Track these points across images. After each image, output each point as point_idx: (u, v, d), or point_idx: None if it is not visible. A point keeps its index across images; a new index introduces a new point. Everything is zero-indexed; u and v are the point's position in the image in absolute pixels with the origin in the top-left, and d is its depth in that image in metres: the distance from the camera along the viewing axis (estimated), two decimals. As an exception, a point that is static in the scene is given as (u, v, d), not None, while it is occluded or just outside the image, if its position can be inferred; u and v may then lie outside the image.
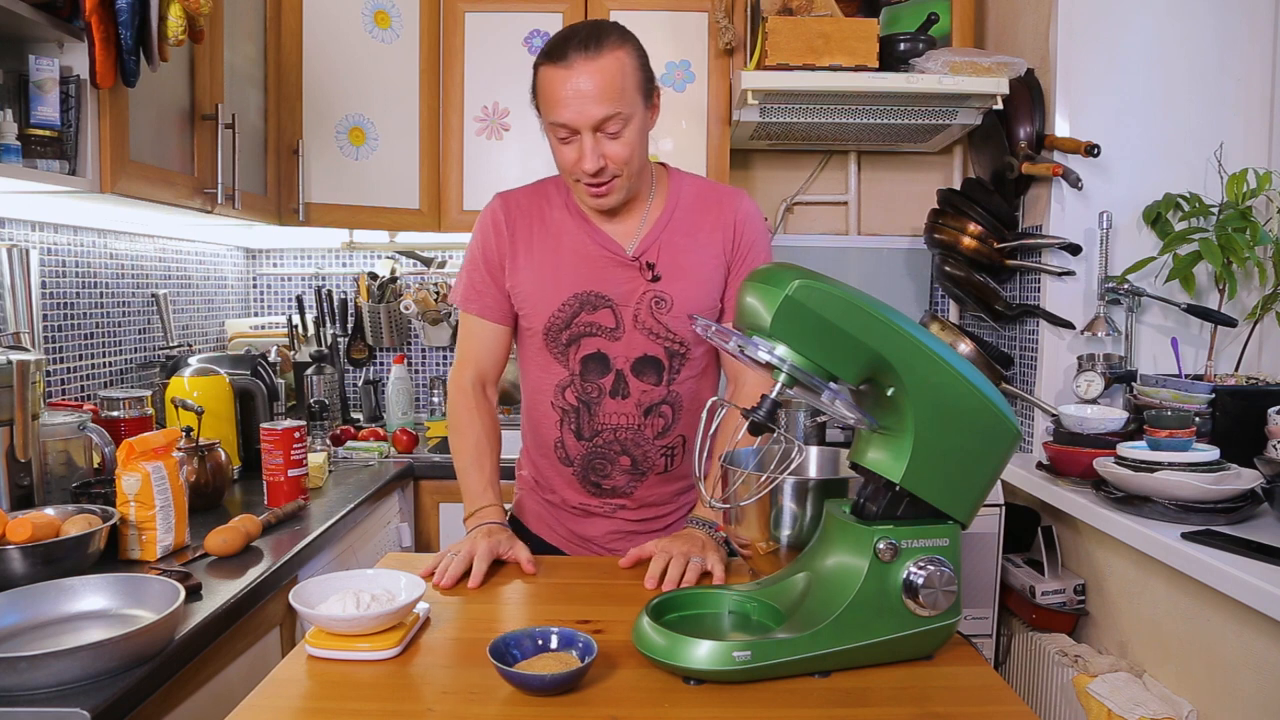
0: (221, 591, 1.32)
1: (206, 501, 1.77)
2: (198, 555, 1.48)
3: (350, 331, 2.96)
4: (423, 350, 3.03)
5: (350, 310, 2.97)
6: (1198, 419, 1.84)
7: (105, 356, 2.18)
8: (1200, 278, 2.15)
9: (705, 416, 1.14)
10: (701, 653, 0.96)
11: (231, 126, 1.99)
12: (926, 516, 1.04)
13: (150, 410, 1.92)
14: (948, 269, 2.50)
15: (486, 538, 1.35)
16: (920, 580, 1.00)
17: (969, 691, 0.98)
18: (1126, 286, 2.16)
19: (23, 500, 1.47)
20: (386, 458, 2.43)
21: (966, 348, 2.44)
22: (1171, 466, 1.70)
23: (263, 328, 2.94)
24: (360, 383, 2.96)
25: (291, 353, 2.78)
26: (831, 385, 0.97)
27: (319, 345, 2.82)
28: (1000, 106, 2.33)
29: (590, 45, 1.32)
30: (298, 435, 1.83)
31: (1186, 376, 2.08)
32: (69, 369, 2.04)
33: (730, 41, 2.52)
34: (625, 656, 1.03)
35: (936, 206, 2.57)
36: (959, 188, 2.66)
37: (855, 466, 1.07)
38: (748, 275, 1.03)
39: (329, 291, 2.95)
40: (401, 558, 1.45)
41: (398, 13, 2.53)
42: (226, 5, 2.03)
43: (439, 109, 2.62)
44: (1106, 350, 2.21)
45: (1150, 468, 1.71)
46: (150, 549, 1.43)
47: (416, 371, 3.02)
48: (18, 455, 1.46)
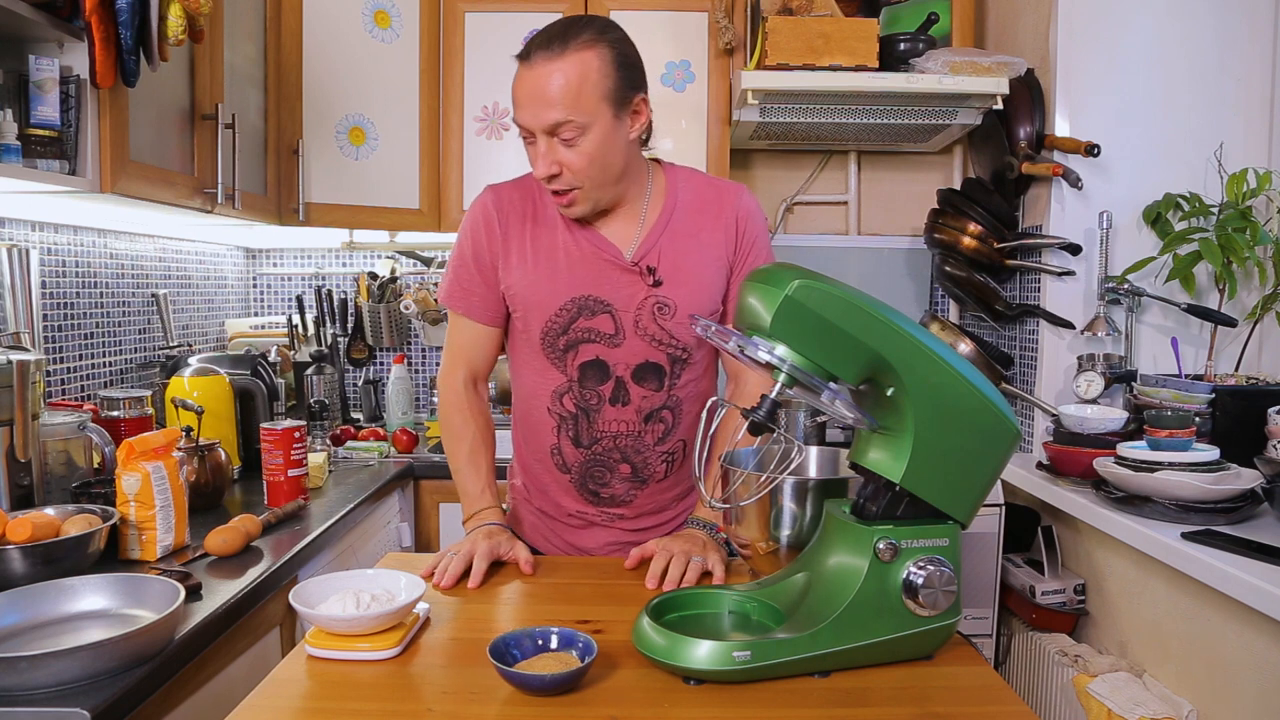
0: (221, 591, 1.32)
1: (206, 501, 1.77)
2: (198, 555, 1.48)
3: (350, 331, 2.96)
4: (423, 350, 3.03)
5: (350, 310, 2.97)
6: (1198, 419, 1.84)
7: (105, 356, 2.18)
8: (1200, 278, 2.15)
9: (705, 416, 1.14)
10: (701, 653, 0.96)
11: (231, 126, 1.99)
12: (926, 516, 1.04)
13: (150, 410, 1.92)
14: (948, 269, 2.50)
15: (486, 538, 1.35)
16: (920, 580, 1.00)
17: (969, 691, 0.98)
18: (1126, 286, 2.16)
19: (23, 500, 1.47)
20: (386, 458, 2.43)
21: (966, 348, 2.44)
22: (1171, 466, 1.70)
23: (263, 328, 2.94)
24: (360, 383, 2.96)
25: (291, 353, 2.78)
26: (831, 385, 0.97)
27: (319, 345, 2.82)
28: (1000, 106, 2.33)
29: (555, 44, 1.26)
30: (298, 435, 1.83)
31: (1186, 376, 2.08)
32: (69, 369, 2.04)
33: (730, 41, 2.52)
34: (625, 656, 1.03)
35: (936, 206, 2.57)
36: (959, 188, 2.65)
37: (855, 466, 1.07)
38: (748, 275, 1.02)
39: (329, 291, 2.95)
40: (401, 558, 1.45)
41: (398, 13, 2.53)
42: (226, 5, 2.03)
43: (439, 109, 2.62)
44: (1106, 350, 2.21)
45: (1150, 468, 1.71)
46: (150, 549, 1.43)
47: (416, 371, 3.02)
48: (18, 455, 1.46)
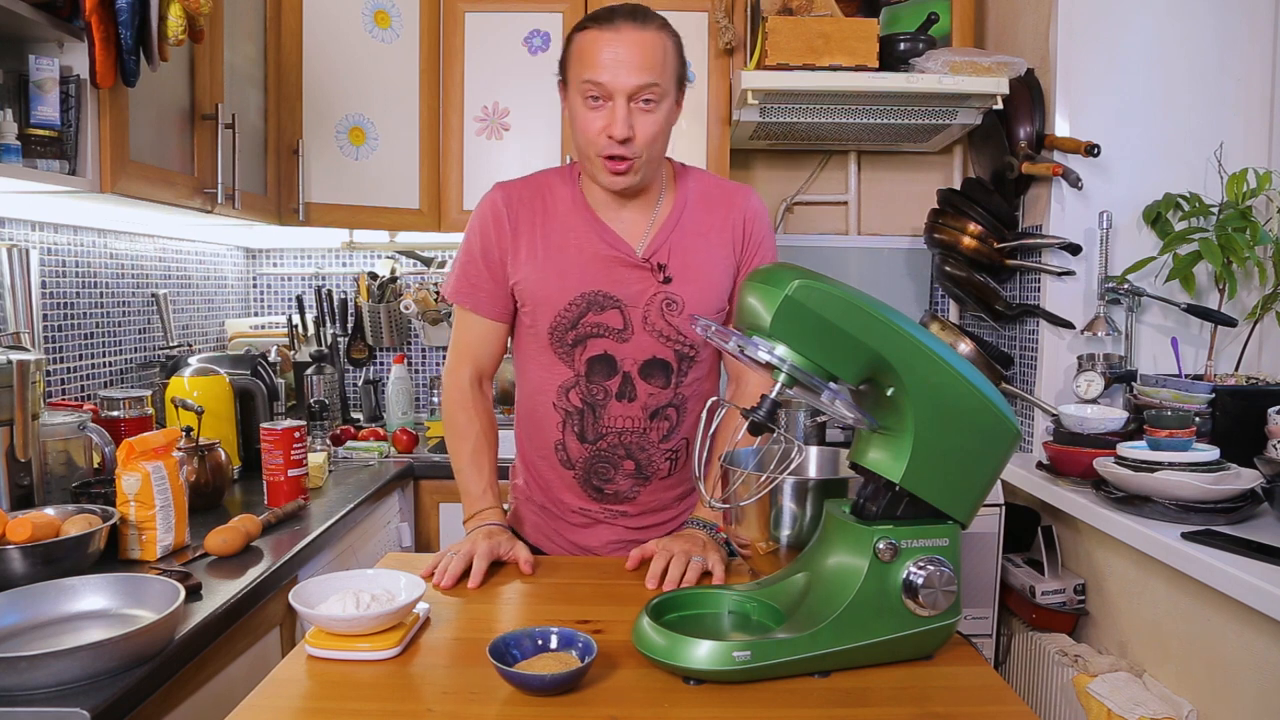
0: (221, 591, 1.32)
1: (206, 501, 1.77)
2: (198, 555, 1.48)
3: (350, 331, 2.96)
4: (423, 350, 3.03)
5: (350, 310, 2.97)
6: (1198, 419, 1.84)
7: (105, 356, 2.18)
8: (1200, 278, 2.15)
9: (705, 416, 1.14)
10: (701, 653, 0.96)
11: (231, 126, 1.99)
12: (926, 516, 1.04)
13: (150, 410, 1.92)
14: (948, 269, 2.50)
15: (486, 538, 1.35)
16: (920, 580, 1.00)
17: (969, 691, 0.98)
18: (1126, 286, 2.16)
19: (23, 500, 1.47)
20: (386, 458, 2.43)
21: (966, 348, 2.44)
22: (1171, 466, 1.70)
23: (263, 327, 2.94)
24: (360, 383, 2.96)
25: (291, 353, 2.78)
26: (831, 385, 0.97)
27: (319, 345, 2.82)
28: (1000, 106, 2.33)
29: (639, 17, 1.33)
30: (298, 435, 1.83)
31: (1186, 376, 2.08)
32: (69, 369, 2.04)
33: (730, 41, 2.52)
34: (625, 656, 1.03)
35: (936, 206, 2.57)
36: (959, 188, 2.65)
37: (855, 466, 1.07)
38: (748, 275, 1.03)
39: (329, 291, 2.95)
40: (401, 558, 1.45)
41: (398, 13, 2.53)
42: (226, 5, 2.03)
43: (439, 109, 2.62)
44: (1106, 350, 2.21)
45: (1150, 468, 1.71)
46: (150, 549, 1.43)
47: (416, 371, 3.02)
48: (18, 455, 1.46)
